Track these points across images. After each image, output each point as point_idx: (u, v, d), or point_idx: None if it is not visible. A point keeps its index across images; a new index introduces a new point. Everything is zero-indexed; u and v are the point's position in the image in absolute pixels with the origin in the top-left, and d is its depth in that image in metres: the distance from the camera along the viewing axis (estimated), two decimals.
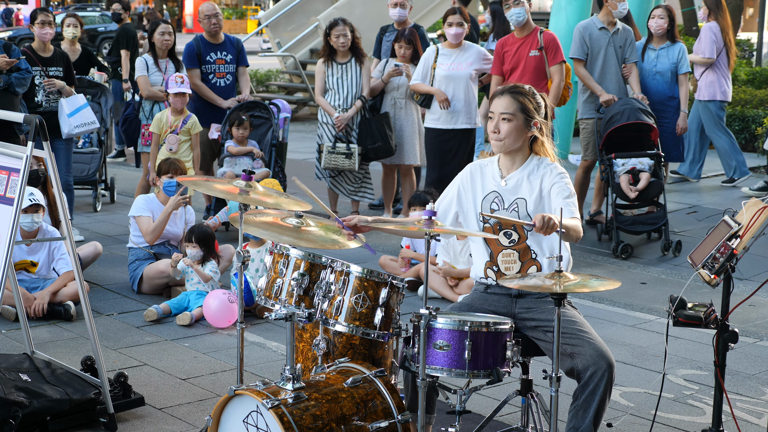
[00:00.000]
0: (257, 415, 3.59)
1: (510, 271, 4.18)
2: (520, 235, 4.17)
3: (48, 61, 8.23)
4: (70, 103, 8.19)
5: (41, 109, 8.09)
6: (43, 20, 8.22)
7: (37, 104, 8.11)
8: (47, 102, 8.15)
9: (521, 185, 4.17)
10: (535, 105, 4.18)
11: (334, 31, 8.75)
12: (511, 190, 4.18)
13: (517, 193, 4.17)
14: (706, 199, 10.25)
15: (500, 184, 4.21)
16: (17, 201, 4.30)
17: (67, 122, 8.15)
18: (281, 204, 4.22)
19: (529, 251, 4.17)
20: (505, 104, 4.15)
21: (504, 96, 4.17)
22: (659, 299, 7.04)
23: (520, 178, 4.18)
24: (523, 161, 4.21)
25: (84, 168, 9.60)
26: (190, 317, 6.31)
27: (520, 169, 4.20)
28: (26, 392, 4.45)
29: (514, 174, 4.20)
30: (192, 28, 48.08)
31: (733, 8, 17.62)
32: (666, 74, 8.96)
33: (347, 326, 3.91)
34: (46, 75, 8.15)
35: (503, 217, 4.09)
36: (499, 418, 4.70)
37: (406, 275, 7.08)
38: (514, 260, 4.18)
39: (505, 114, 4.14)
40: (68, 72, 8.39)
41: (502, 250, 4.19)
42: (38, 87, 8.10)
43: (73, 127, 8.18)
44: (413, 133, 8.92)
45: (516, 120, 4.14)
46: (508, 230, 4.18)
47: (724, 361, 4.22)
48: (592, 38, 8.58)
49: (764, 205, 4.06)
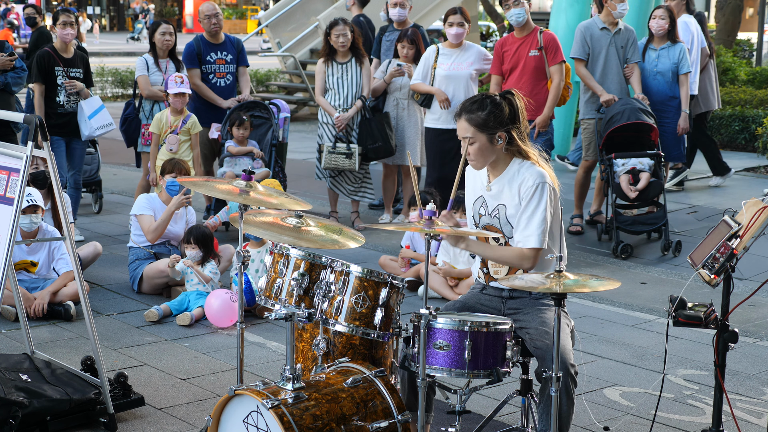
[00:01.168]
0: (257, 415, 3.60)
1: (498, 274, 4.22)
2: (505, 243, 4.18)
3: (70, 62, 8.25)
4: (89, 105, 8.27)
5: (62, 110, 8.14)
6: (65, 21, 8.24)
7: (58, 104, 8.15)
8: (68, 103, 8.19)
9: (503, 191, 4.17)
10: (496, 115, 4.09)
11: (335, 31, 8.75)
12: (495, 196, 4.19)
13: (499, 199, 4.18)
14: (706, 199, 10.25)
15: (485, 189, 4.23)
16: (17, 201, 4.30)
17: (87, 124, 8.23)
18: (281, 204, 4.22)
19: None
20: (463, 128, 4.12)
21: (460, 120, 4.14)
22: (659, 299, 7.04)
23: (502, 185, 4.18)
24: (504, 167, 4.18)
25: (86, 169, 9.63)
26: (190, 317, 6.31)
27: (501, 175, 4.19)
28: (26, 392, 4.45)
29: (496, 180, 4.20)
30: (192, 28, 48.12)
31: (733, 8, 17.63)
32: (667, 74, 8.96)
33: (347, 326, 3.91)
34: (68, 76, 8.18)
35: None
36: (499, 418, 4.70)
37: (406, 275, 7.08)
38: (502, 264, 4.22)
39: (466, 137, 4.11)
40: (86, 73, 8.45)
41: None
42: (60, 87, 8.14)
43: (94, 129, 8.28)
44: (416, 133, 8.92)
45: (478, 140, 4.09)
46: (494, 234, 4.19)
47: (724, 361, 4.22)
48: (593, 38, 8.58)
49: (764, 205, 4.06)
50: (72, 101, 8.22)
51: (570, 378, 3.87)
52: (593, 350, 5.93)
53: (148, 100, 8.72)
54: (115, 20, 55.12)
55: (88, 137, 8.34)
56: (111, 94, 20.32)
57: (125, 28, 50.16)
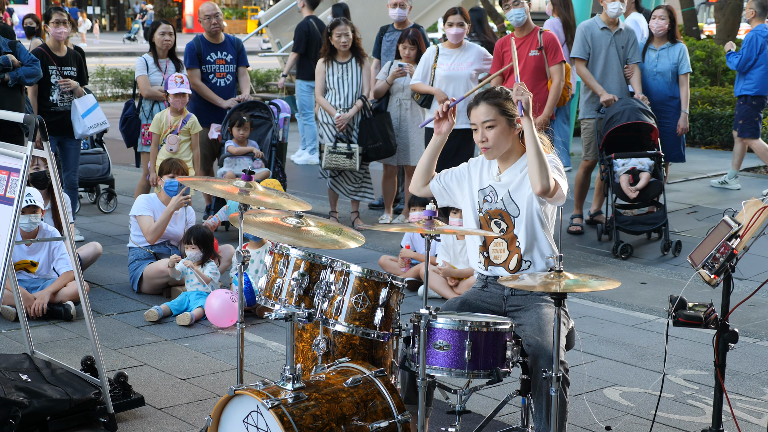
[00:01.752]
0: (257, 415, 3.59)
1: (498, 259, 4.27)
2: (508, 225, 4.23)
3: (63, 60, 8.25)
4: (83, 104, 8.25)
5: (55, 109, 8.13)
6: (57, 19, 8.23)
7: (52, 103, 8.13)
8: (61, 101, 8.18)
9: (513, 181, 4.24)
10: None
11: (336, 31, 8.75)
12: (504, 185, 4.26)
13: (509, 186, 4.24)
14: (706, 199, 10.25)
15: (495, 179, 4.29)
16: (17, 201, 4.30)
17: (81, 123, 8.21)
18: (281, 204, 4.22)
19: (516, 240, 4.24)
20: (483, 112, 4.20)
21: (480, 105, 4.22)
22: (659, 299, 7.04)
23: (513, 174, 4.25)
24: (517, 158, 4.27)
25: (98, 168, 9.65)
26: (190, 317, 6.31)
27: (513, 165, 4.27)
28: (26, 392, 4.45)
29: (508, 170, 4.28)
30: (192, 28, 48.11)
31: (733, 8, 17.62)
32: (667, 74, 8.96)
33: (347, 326, 3.91)
34: (61, 74, 8.17)
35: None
36: (499, 418, 4.70)
37: (406, 275, 7.08)
38: (502, 249, 4.26)
39: (487, 121, 4.18)
40: (80, 71, 8.44)
41: (494, 239, 4.27)
42: (54, 86, 8.13)
43: (88, 128, 8.27)
44: (419, 133, 8.92)
45: (499, 124, 4.19)
46: (497, 220, 4.24)
47: (724, 361, 4.22)
48: (594, 38, 8.59)
49: (764, 205, 4.06)
50: (66, 100, 8.20)
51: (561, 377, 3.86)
52: (593, 350, 5.93)
53: (148, 100, 8.71)
54: (115, 20, 55.14)
55: (81, 136, 8.31)
56: (111, 94, 20.32)
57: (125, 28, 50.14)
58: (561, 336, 4.02)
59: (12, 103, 7.55)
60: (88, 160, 9.51)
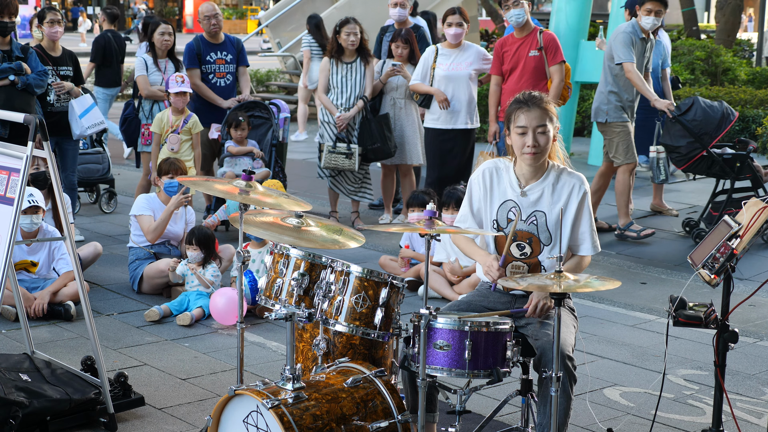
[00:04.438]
0: (257, 415, 3.60)
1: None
2: (533, 249, 4.15)
3: (58, 60, 8.24)
4: (80, 104, 8.24)
5: (52, 109, 8.12)
6: (52, 19, 8.23)
7: (48, 103, 8.13)
8: (58, 102, 8.17)
9: (542, 198, 4.16)
10: (555, 111, 4.21)
11: (345, 29, 8.73)
12: (532, 203, 4.16)
13: (537, 206, 4.16)
14: (705, 199, 10.23)
15: (519, 194, 4.19)
16: (17, 201, 4.30)
17: (78, 123, 8.20)
18: (281, 204, 4.22)
19: (540, 267, 4.16)
20: (538, 116, 4.12)
21: (534, 108, 4.14)
22: (659, 299, 7.04)
23: (540, 190, 4.17)
24: (542, 170, 4.19)
25: (98, 168, 9.65)
26: (190, 317, 6.31)
27: (540, 180, 4.18)
28: (26, 392, 4.45)
29: (534, 185, 4.18)
30: (192, 28, 48.08)
31: (733, 8, 17.63)
32: (657, 70, 8.92)
33: (347, 326, 3.91)
34: (57, 74, 8.17)
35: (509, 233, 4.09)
36: (499, 418, 4.70)
37: (406, 275, 7.08)
38: (522, 273, 4.15)
39: (541, 126, 4.12)
40: (76, 72, 8.42)
41: (512, 261, 4.17)
42: (50, 87, 8.12)
43: (85, 128, 8.25)
44: (414, 132, 8.92)
45: (549, 132, 4.14)
46: (522, 242, 4.16)
47: (724, 361, 4.22)
48: (635, 44, 8.20)
49: (764, 205, 4.06)
50: (62, 100, 8.19)
51: (568, 373, 3.85)
52: (593, 350, 5.93)
53: (148, 99, 8.72)
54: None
55: (79, 136, 8.29)
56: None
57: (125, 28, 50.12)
58: (568, 331, 4.02)
59: (22, 103, 7.55)
60: (88, 160, 9.51)
